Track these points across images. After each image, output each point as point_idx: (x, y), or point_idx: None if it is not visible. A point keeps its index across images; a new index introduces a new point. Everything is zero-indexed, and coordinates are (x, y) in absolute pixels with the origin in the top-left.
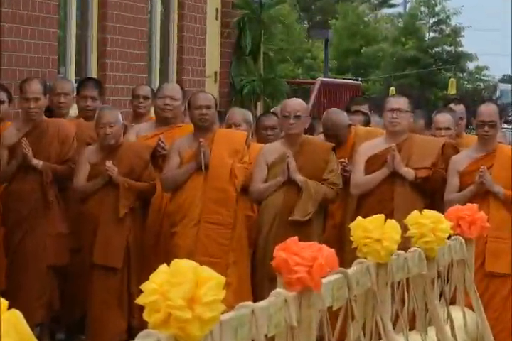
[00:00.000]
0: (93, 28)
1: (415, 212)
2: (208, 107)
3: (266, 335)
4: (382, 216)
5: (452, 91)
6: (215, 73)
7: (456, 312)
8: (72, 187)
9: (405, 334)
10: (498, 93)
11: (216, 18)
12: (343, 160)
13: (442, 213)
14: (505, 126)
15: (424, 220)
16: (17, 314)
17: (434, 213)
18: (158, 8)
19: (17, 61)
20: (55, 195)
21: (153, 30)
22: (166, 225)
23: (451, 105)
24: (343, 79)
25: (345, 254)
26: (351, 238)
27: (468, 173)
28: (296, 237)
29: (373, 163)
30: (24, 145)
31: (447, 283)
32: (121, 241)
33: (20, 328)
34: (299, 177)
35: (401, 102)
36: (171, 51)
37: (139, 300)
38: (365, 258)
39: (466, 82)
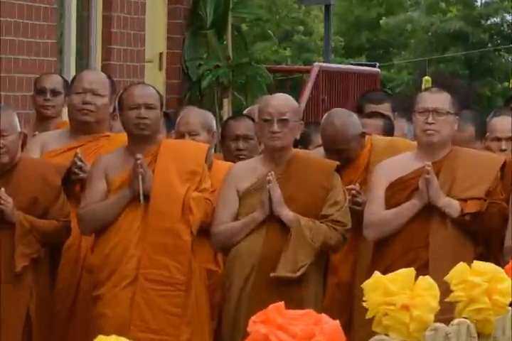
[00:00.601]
0: None
1: (461, 265)
2: (149, 107)
3: None
4: (411, 271)
5: None
6: (160, 55)
7: None
8: None
9: None
10: None
11: None
12: (352, 186)
13: (502, 266)
14: None
15: (475, 277)
16: None
17: (490, 267)
18: None
19: None
20: None
21: None
22: (86, 285)
23: None
24: (353, 64)
25: (356, 328)
26: (364, 304)
27: None
28: (281, 303)
29: (398, 192)
30: None
31: None
32: (19, 308)
33: None
34: (286, 213)
35: (440, 100)
36: (92, 23)
37: None
38: (386, 334)
39: None
